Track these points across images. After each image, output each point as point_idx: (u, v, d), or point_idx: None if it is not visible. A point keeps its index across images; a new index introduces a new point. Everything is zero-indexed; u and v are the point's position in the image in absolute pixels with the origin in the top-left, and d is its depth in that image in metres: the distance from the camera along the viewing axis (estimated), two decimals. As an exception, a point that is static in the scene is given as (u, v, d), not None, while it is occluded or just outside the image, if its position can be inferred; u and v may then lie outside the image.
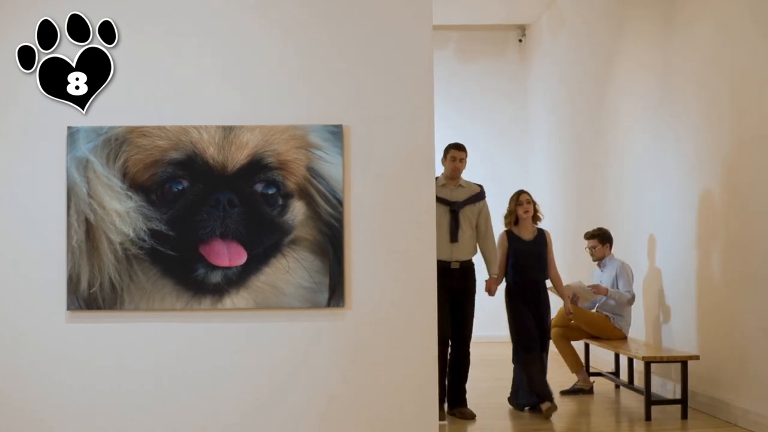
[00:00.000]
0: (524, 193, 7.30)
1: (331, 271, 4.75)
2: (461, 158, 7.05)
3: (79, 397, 4.73)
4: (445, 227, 6.87)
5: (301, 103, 4.80)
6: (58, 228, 4.72)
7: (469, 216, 6.99)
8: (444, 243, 6.83)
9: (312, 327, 4.78)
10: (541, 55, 11.63)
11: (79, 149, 4.71)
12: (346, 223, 4.76)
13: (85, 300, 4.71)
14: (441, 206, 6.78)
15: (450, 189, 7.02)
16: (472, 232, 7.00)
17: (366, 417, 4.78)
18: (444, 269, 6.66)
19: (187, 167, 4.72)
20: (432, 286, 4.82)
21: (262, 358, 4.77)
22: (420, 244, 4.81)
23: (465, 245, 6.96)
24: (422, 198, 4.82)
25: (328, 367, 4.77)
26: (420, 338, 4.79)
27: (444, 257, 6.82)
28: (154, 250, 4.71)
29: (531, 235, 7.24)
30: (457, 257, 6.91)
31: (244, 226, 4.73)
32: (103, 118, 4.75)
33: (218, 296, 4.74)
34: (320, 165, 4.76)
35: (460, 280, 6.92)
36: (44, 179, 4.74)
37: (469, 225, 6.97)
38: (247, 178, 4.73)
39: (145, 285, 4.72)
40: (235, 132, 4.74)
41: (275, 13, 4.84)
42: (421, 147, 4.83)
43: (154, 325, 4.75)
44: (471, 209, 7.01)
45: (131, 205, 4.72)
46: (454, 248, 6.90)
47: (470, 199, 7.03)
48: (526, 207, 7.20)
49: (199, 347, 4.77)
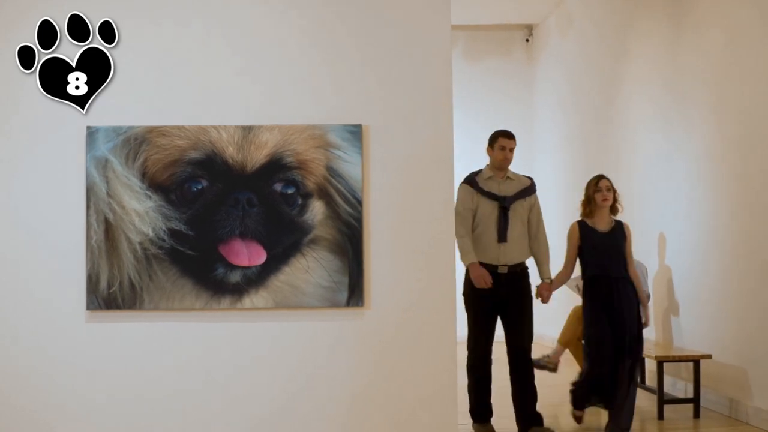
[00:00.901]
0: (604, 179, 6.36)
1: (351, 271, 4.76)
2: (511, 147, 6.23)
3: (99, 397, 4.73)
4: (492, 226, 6.07)
5: (321, 103, 4.80)
6: (78, 228, 4.72)
7: (520, 212, 6.14)
8: (490, 244, 6.06)
9: (331, 326, 4.78)
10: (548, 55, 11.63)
11: (99, 149, 4.72)
12: (365, 222, 4.77)
13: (105, 300, 4.71)
14: (487, 202, 6.10)
15: (498, 182, 6.19)
16: (523, 231, 6.14)
17: (385, 416, 4.79)
18: (489, 274, 6.01)
19: (207, 167, 4.73)
20: (451, 286, 4.82)
21: (282, 358, 4.78)
22: (439, 243, 4.81)
23: (516, 246, 6.09)
24: (441, 197, 4.83)
25: (347, 366, 4.78)
26: (439, 337, 4.79)
27: (489, 260, 6.05)
28: (173, 249, 4.72)
29: (607, 226, 6.30)
30: (507, 260, 6.07)
31: (263, 226, 4.73)
32: (122, 117, 4.75)
33: (238, 296, 4.74)
34: (339, 164, 4.76)
35: (510, 287, 6.06)
36: (64, 179, 4.74)
37: (520, 222, 6.13)
38: (267, 178, 4.73)
39: (165, 284, 4.73)
40: (255, 131, 4.74)
41: (295, 13, 4.84)
42: (440, 146, 4.83)
43: (173, 324, 4.75)
44: (521, 204, 6.17)
45: (150, 205, 4.72)
46: (503, 249, 6.05)
47: (521, 193, 6.19)
48: (605, 194, 6.26)
49: (219, 347, 4.77)
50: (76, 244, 4.72)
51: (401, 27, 4.84)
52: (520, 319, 6.11)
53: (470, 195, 6.15)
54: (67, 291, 4.72)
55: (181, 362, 4.76)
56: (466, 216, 6.10)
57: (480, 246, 6.08)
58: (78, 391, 4.73)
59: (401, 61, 4.83)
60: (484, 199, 6.11)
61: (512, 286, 6.07)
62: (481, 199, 6.12)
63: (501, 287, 6.03)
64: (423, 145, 4.82)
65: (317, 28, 4.83)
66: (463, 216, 6.07)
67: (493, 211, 6.09)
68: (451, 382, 4.81)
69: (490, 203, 6.11)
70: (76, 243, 4.72)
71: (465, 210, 6.11)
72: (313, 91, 4.81)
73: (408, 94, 4.82)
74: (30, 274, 4.74)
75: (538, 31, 12.05)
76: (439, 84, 4.84)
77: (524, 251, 6.15)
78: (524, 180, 6.31)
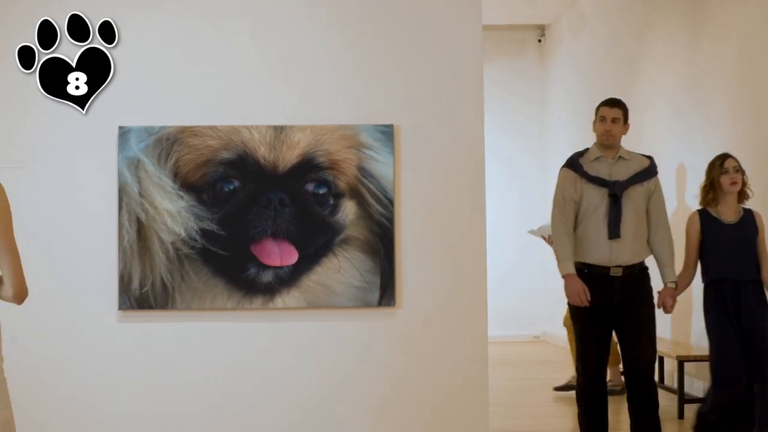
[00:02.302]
0: (730, 158, 5.16)
1: (382, 271, 4.77)
2: (614, 117, 4.95)
3: (130, 396, 4.75)
4: (600, 218, 4.88)
5: (352, 103, 4.82)
6: (110, 228, 4.73)
7: (636, 200, 4.92)
8: (598, 240, 4.88)
9: (363, 326, 4.79)
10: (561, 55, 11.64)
11: (131, 149, 4.72)
12: (396, 222, 4.78)
13: (137, 299, 4.72)
14: (594, 188, 4.91)
15: (607, 163, 4.96)
16: (640, 223, 4.94)
17: (416, 415, 4.80)
18: (599, 278, 4.88)
19: (239, 167, 4.73)
20: (482, 285, 4.84)
21: (313, 357, 4.79)
22: (470, 242, 4.83)
23: (631, 242, 4.90)
24: (472, 197, 4.85)
25: (379, 366, 4.79)
26: (471, 337, 4.81)
27: (599, 260, 4.89)
28: (205, 249, 4.72)
29: (735, 216, 5.13)
30: (620, 260, 4.88)
31: (295, 226, 4.74)
32: (154, 117, 4.76)
33: (269, 296, 4.75)
34: (371, 164, 4.77)
35: (625, 294, 4.87)
36: (96, 179, 4.75)
37: (635, 213, 4.91)
38: (298, 178, 4.74)
39: (197, 284, 4.73)
40: (286, 132, 4.75)
41: (326, 14, 4.85)
42: (471, 146, 4.85)
43: (205, 324, 4.76)
44: (638, 191, 4.93)
45: (182, 205, 4.73)
46: (616, 248, 4.87)
47: (637, 177, 4.94)
48: (733, 176, 5.08)
49: (250, 347, 4.78)
50: (109, 245, 4.73)
51: (433, 27, 4.86)
52: (639, 334, 4.89)
53: (572, 181, 4.97)
54: (99, 291, 4.73)
55: (212, 362, 4.77)
56: (567, 208, 4.96)
57: (586, 244, 4.93)
58: (110, 390, 4.74)
59: (433, 62, 4.84)
60: (589, 185, 4.93)
61: (629, 293, 4.88)
62: (586, 185, 4.94)
63: (614, 294, 4.86)
64: (454, 145, 4.84)
65: (350, 29, 4.84)
66: (562, 208, 4.97)
67: (600, 200, 4.89)
68: (482, 382, 4.82)
69: (598, 190, 4.90)
70: (108, 243, 4.73)
71: (566, 200, 4.96)
72: (345, 92, 4.82)
73: (439, 94, 4.83)
74: (63, 275, 4.75)
75: (550, 32, 12.06)
76: (470, 84, 4.85)
77: (642, 249, 4.97)
78: (642, 160, 5.03)
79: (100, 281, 4.73)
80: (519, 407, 7.19)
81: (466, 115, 4.84)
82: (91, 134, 4.76)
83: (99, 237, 4.74)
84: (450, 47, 4.85)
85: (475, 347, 4.81)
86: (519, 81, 11.99)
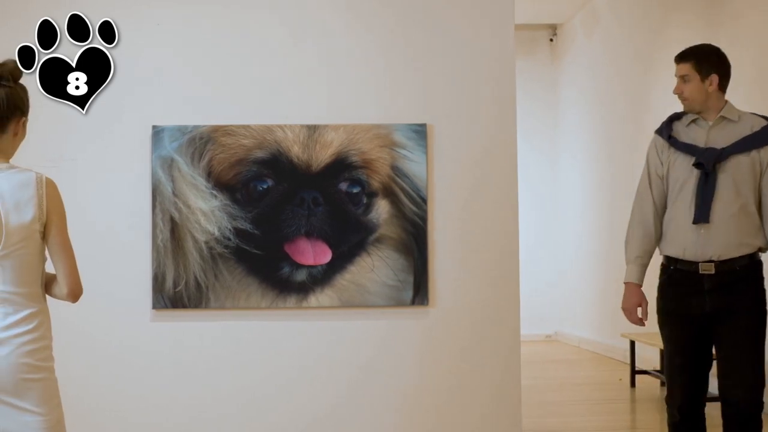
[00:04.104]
0: None
1: (416, 269, 4.77)
2: (682, 74, 3.85)
3: (164, 395, 4.74)
4: (687, 197, 3.77)
5: (386, 102, 4.82)
6: (144, 227, 4.73)
7: (739, 174, 3.73)
8: (684, 226, 3.76)
9: (396, 325, 4.80)
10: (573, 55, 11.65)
11: (164, 148, 4.73)
12: (430, 221, 4.78)
13: (171, 299, 4.72)
14: (684, 159, 3.80)
15: (704, 127, 3.84)
16: (744, 204, 3.72)
17: (449, 414, 4.80)
18: (686, 278, 3.76)
19: (272, 166, 4.74)
20: (515, 285, 4.84)
21: (347, 356, 4.79)
22: (504, 241, 4.83)
23: (727, 228, 3.71)
24: (506, 196, 4.85)
25: (412, 364, 4.79)
26: (504, 337, 4.82)
27: (683, 253, 3.77)
28: (239, 248, 4.72)
29: None
30: (710, 252, 3.71)
31: (329, 225, 4.74)
32: (187, 117, 4.76)
33: (303, 295, 4.75)
34: (404, 164, 4.78)
35: (721, 298, 3.69)
36: (129, 179, 4.75)
37: (735, 191, 3.72)
38: (332, 177, 4.75)
39: (231, 283, 4.73)
40: (320, 131, 4.76)
41: (360, 13, 4.86)
42: (504, 145, 4.86)
43: (239, 323, 4.76)
44: (742, 162, 3.74)
45: (216, 204, 4.73)
46: (704, 235, 3.72)
47: (743, 143, 3.75)
48: None
49: (284, 345, 4.79)
50: (143, 244, 4.73)
51: (465, 26, 4.86)
52: (739, 355, 3.69)
53: (658, 150, 3.90)
54: (133, 290, 4.73)
55: (246, 361, 4.77)
56: (653, 187, 3.88)
57: (669, 231, 3.83)
58: (143, 389, 4.74)
59: (465, 61, 4.85)
60: (679, 155, 3.82)
61: (726, 298, 3.70)
62: (674, 155, 3.84)
63: (705, 300, 3.71)
64: (487, 143, 4.84)
65: (383, 28, 4.85)
66: (643, 188, 3.91)
67: (691, 174, 3.76)
68: (515, 381, 4.83)
69: (689, 162, 3.78)
70: (142, 242, 4.73)
71: (651, 177, 3.89)
72: (378, 91, 4.83)
73: (472, 93, 4.84)
74: (97, 274, 4.73)
75: (562, 31, 12.08)
76: (503, 83, 4.86)
77: (746, 238, 3.72)
78: (756, 121, 3.83)
79: (133, 280, 4.73)
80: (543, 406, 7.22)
81: (499, 114, 4.85)
82: (124, 134, 4.76)
83: (133, 236, 4.73)
84: (482, 46, 4.86)
85: (508, 346, 4.81)
86: (530, 81, 12.00)
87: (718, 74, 3.87)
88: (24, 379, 2.89)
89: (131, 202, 4.74)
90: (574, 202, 11.15)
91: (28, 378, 2.90)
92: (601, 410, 7.04)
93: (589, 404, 7.22)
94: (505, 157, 4.85)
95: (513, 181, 4.86)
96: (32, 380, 2.90)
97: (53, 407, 2.97)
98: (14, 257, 2.94)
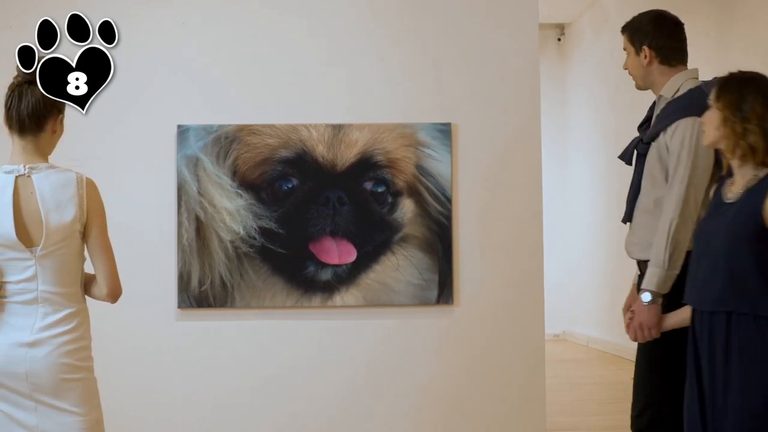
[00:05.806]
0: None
1: (441, 269, 4.78)
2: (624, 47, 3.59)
3: (189, 394, 4.75)
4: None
5: (410, 102, 4.83)
6: (169, 226, 4.73)
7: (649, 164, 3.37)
8: None
9: (421, 324, 4.80)
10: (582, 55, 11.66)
11: (189, 147, 4.73)
12: (454, 220, 4.79)
13: (196, 298, 4.73)
14: None
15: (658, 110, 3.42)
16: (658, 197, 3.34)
17: (474, 413, 4.81)
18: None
19: (297, 165, 4.74)
20: (539, 284, 4.85)
21: (372, 355, 4.80)
22: (528, 241, 4.84)
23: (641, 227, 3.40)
24: (530, 195, 4.86)
25: (436, 363, 4.80)
26: (528, 337, 4.82)
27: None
28: (264, 248, 4.73)
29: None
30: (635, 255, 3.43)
31: (353, 224, 4.75)
32: (213, 116, 4.76)
33: (328, 294, 4.75)
34: (429, 163, 4.78)
35: None
36: (155, 178, 4.75)
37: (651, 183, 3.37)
38: (357, 176, 4.75)
39: (256, 283, 4.74)
40: (344, 130, 4.76)
41: (385, 13, 4.86)
42: (529, 144, 4.87)
43: (264, 322, 4.77)
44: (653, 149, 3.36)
45: (241, 203, 4.73)
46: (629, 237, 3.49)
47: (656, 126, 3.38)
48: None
49: (310, 344, 4.79)
50: (168, 243, 4.73)
51: (490, 26, 4.87)
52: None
53: None
54: (158, 289, 4.73)
55: (271, 360, 4.77)
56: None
57: None
58: (168, 387, 4.74)
59: (490, 60, 4.85)
60: None
61: None
62: None
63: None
64: (512, 143, 4.85)
65: (408, 27, 4.85)
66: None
67: None
68: (540, 380, 4.83)
69: None
70: (167, 242, 4.73)
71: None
72: (402, 90, 4.83)
73: (497, 92, 4.85)
74: (122, 273, 4.70)
75: (570, 31, 12.08)
76: (527, 82, 4.87)
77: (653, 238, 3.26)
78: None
79: (159, 280, 4.73)
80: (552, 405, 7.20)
81: (523, 114, 4.86)
82: (149, 133, 4.76)
83: (158, 235, 4.74)
84: (507, 45, 4.87)
85: (533, 345, 4.82)
86: (539, 80, 11.99)
87: (652, 47, 3.39)
88: (63, 379, 2.88)
89: (156, 202, 4.74)
90: (583, 201, 11.15)
91: (67, 378, 2.89)
92: (612, 410, 7.05)
93: (600, 404, 7.23)
94: (529, 156, 4.86)
95: (537, 180, 4.87)
96: (72, 380, 2.90)
97: (93, 407, 2.96)
98: (54, 257, 2.95)
